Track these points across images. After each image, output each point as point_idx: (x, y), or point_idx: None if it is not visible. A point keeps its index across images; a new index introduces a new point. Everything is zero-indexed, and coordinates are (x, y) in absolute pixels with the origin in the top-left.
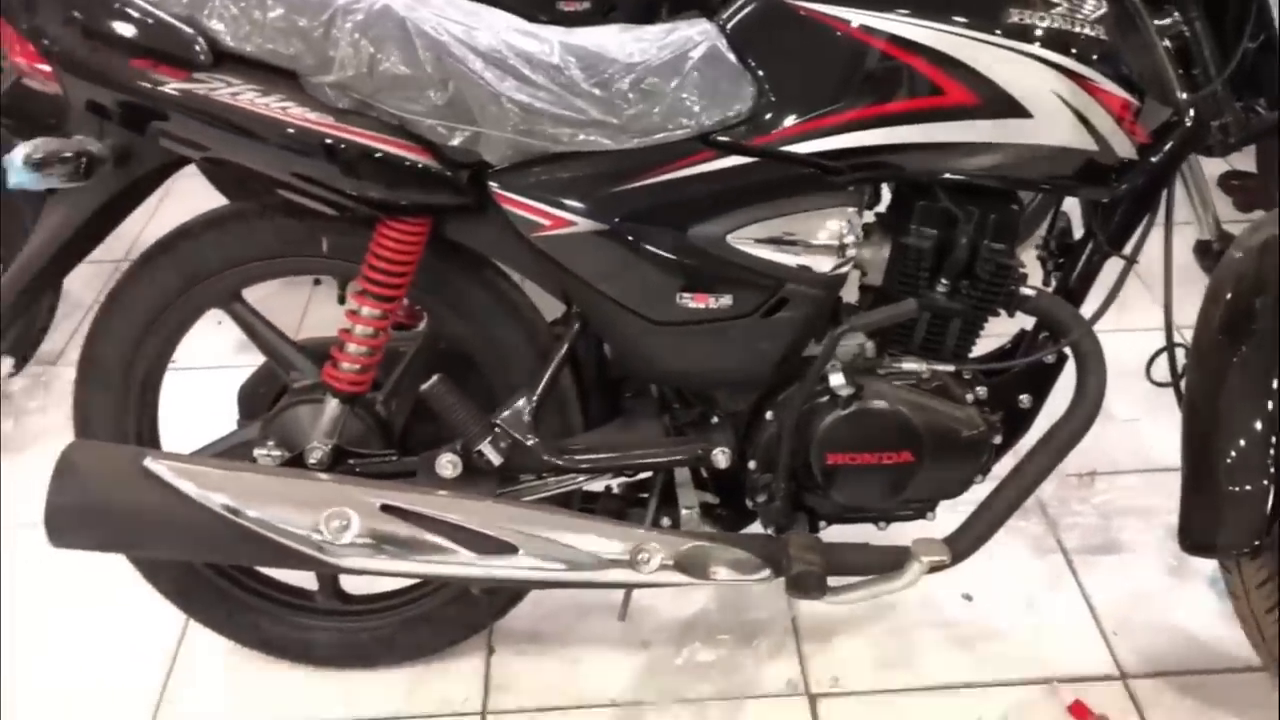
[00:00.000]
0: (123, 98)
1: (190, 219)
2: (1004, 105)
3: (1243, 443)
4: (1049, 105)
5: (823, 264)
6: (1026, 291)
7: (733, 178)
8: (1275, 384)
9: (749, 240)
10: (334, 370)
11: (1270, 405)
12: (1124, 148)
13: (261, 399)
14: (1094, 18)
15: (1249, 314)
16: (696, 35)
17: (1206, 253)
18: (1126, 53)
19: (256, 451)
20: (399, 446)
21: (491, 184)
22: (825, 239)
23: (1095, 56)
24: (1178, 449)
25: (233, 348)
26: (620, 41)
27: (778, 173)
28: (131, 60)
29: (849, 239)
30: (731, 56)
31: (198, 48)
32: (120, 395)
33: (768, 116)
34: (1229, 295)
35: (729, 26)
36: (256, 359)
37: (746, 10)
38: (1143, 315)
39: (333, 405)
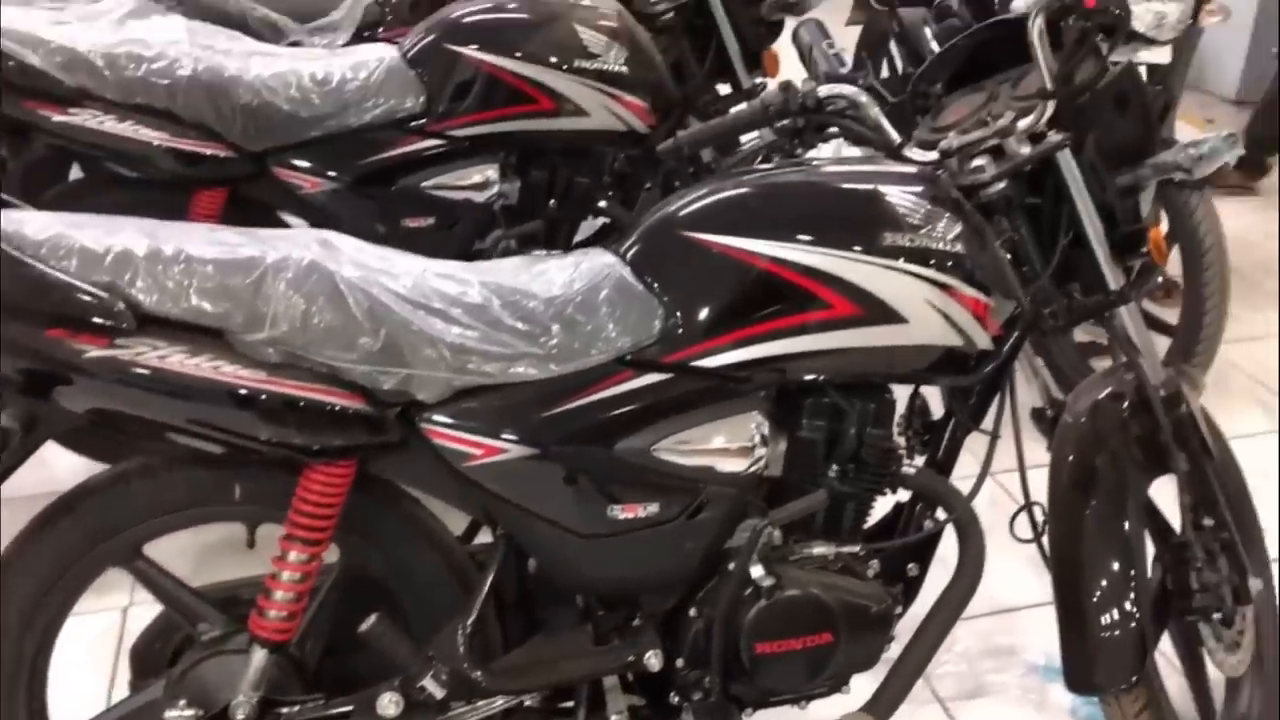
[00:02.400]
0: (35, 367)
1: (91, 476)
2: (883, 313)
3: (1107, 587)
4: (921, 311)
5: (738, 465)
6: (908, 470)
7: (651, 394)
8: (1127, 528)
9: (671, 450)
10: (260, 619)
11: (1126, 551)
12: (982, 340)
13: (159, 655)
14: (951, 236)
15: (1093, 471)
16: (603, 266)
17: (1042, 418)
18: (977, 260)
19: (167, 715)
20: (319, 688)
21: (421, 421)
22: (739, 442)
23: (954, 267)
24: (1021, 590)
25: None
26: (532, 275)
27: (691, 386)
28: (48, 330)
29: (758, 440)
30: (638, 284)
31: (120, 314)
32: (10, 665)
33: (677, 336)
34: (1072, 457)
35: (630, 256)
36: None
37: (644, 242)
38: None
39: (259, 656)
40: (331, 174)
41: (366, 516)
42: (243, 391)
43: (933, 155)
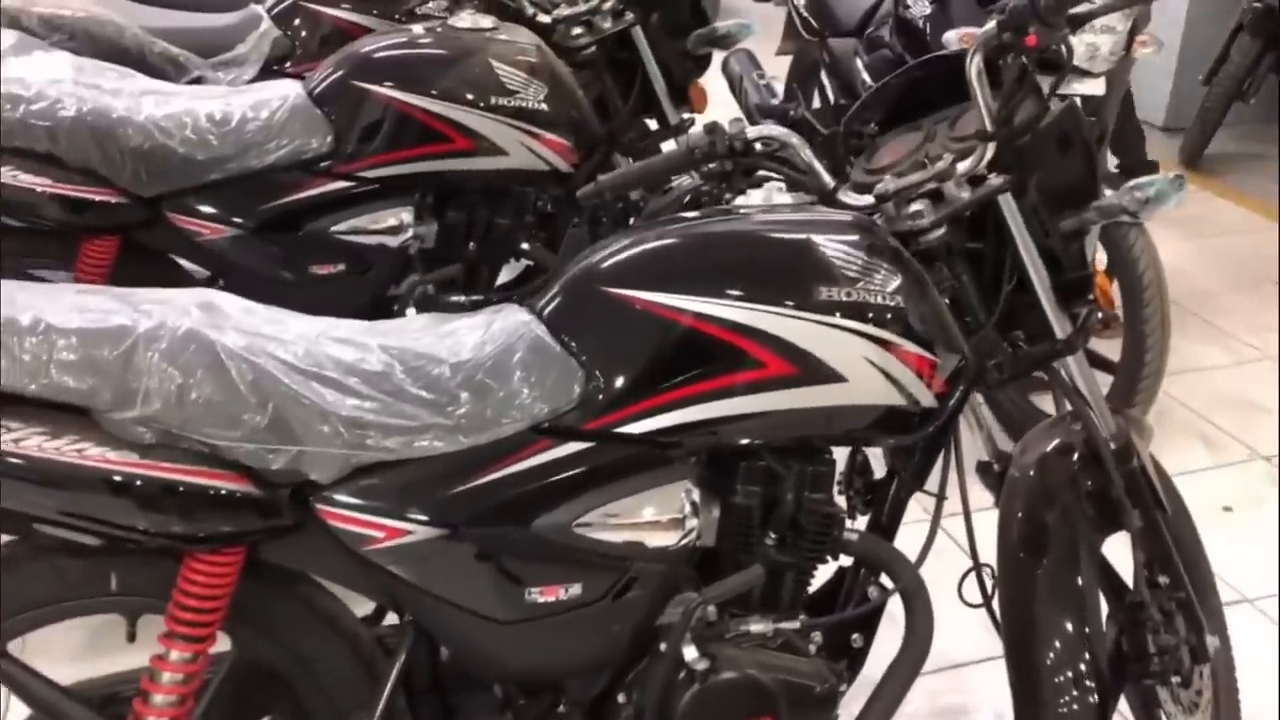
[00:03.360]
0: None
1: None
2: (820, 373)
3: (1060, 649)
4: (861, 369)
5: (669, 538)
6: (849, 536)
7: (571, 465)
8: (1080, 588)
9: (595, 525)
10: None
11: (1080, 612)
12: (925, 397)
13: None
14: (890, 287)
15: (1043, 529)
16: (518, 325)
17: (988, 472)
18: (918, 313)
19: None
20: None
21: (316, 502)
22: (669, 514)
23: (895, 321)
24: (971, 646)
25: None
26: (439, 337)
27: (615, 454)
28: None
29: (689, 510)
30: (555, 344)
31: None
32: None
33: (598, 400)
34: (1021, 514)
35: (547, 314)
36: None
37: (562, 297)
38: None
39: None
40: (233, 219)
41: (259, 605)
42: (114, 478)
43: (868, 199)
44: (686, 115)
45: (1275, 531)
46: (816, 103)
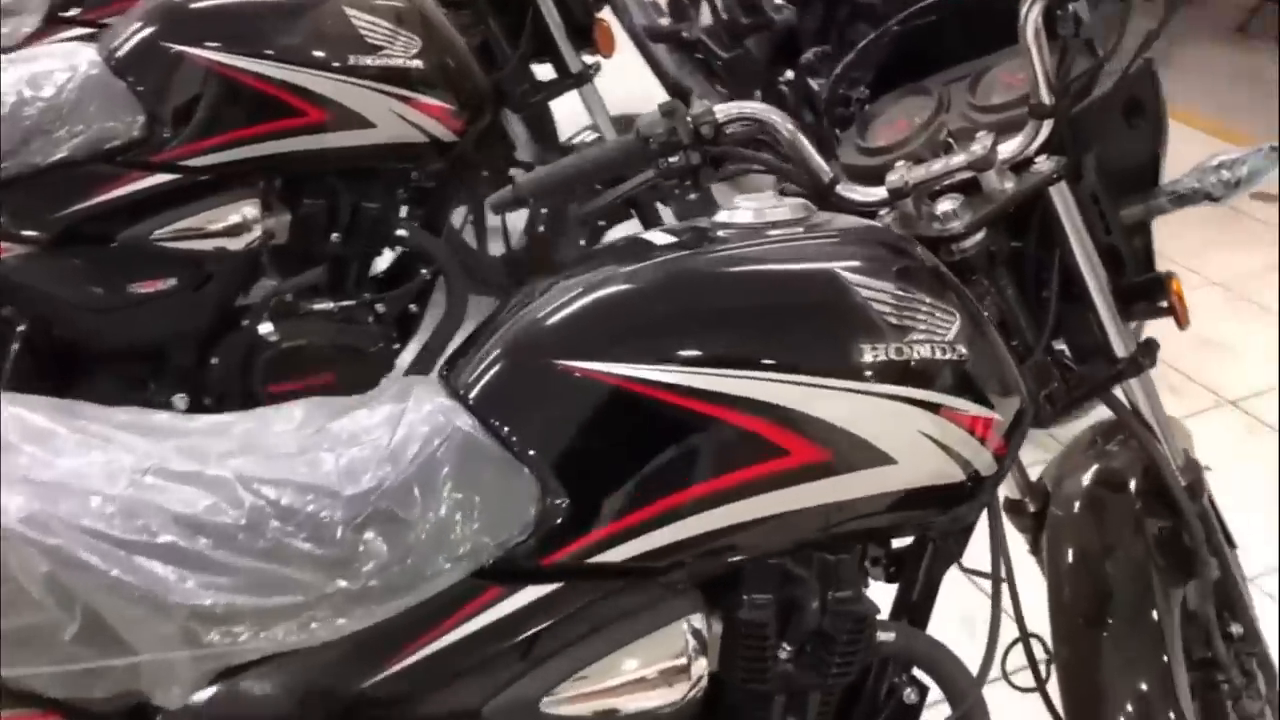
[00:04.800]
0: None
1: None
2: (862, 457)
3: None
4: (912, 445)
5: (669, 696)
6: (884, 636)
7: (532, 619)
8: (1164, 663)
9: (569, 699)
10: None
11: (1165, 693)
12: (985, 463)
13: None
14: (943, 335)
15: (1106, 586)
16: (437, 418)
17: (1020, 511)
18: (976, 361)
19: None
20: None
21: None
22: (666, 662)
23: (951, 377)
24: None
25: None
26: (327, 448)
27: (589, 595)
28: None
29: (694, 652)
30: (493, 443)
31: None
32: None
33: (562, 522)
34: (1074, 566)
35: (476, 398)
36: None
37: (497, 375)
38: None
39: None
40: (20, 233)
41: None
42: None
43: (877, 193)
44: (590, 60)
45: (1265, 494)
46: (707, 17)
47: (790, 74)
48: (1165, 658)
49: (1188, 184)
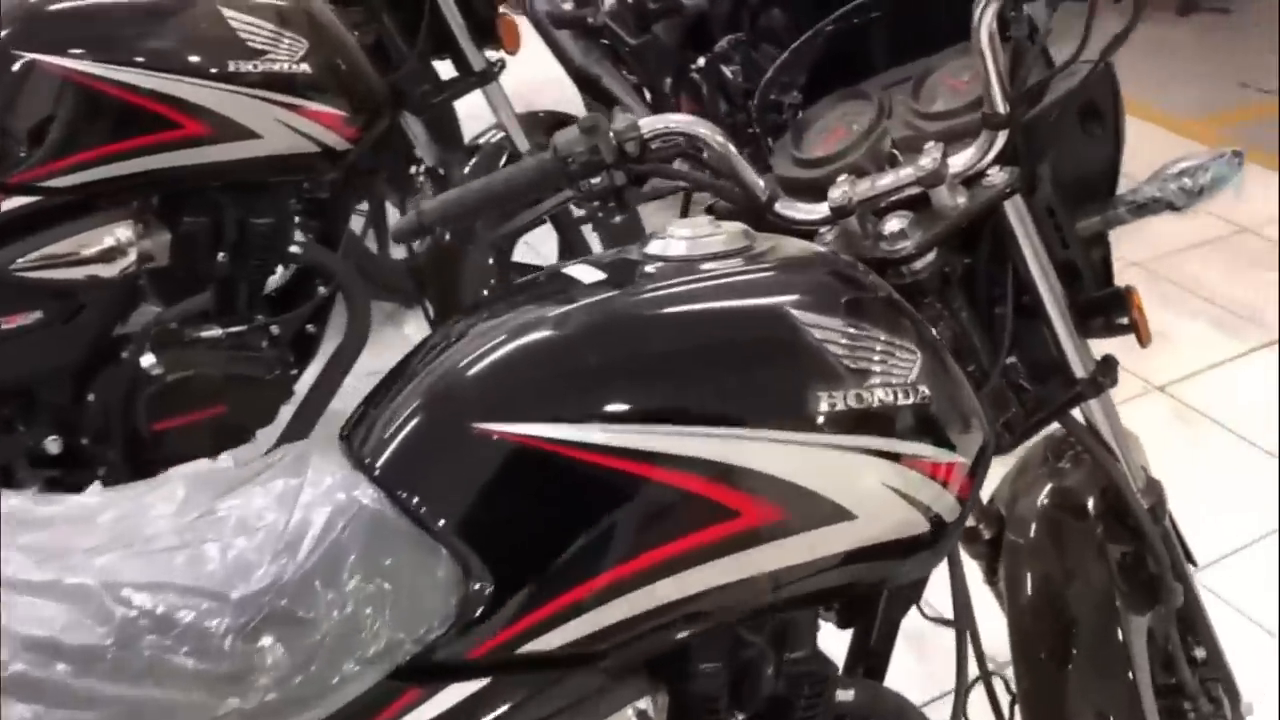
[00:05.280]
0: None
1: None
2: (819, 514)
3: None
4: (872, 498)
5: None
6: (844, 696)
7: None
8: (1134, 690)
9: None
10: None
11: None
12: (950, 509)
13: None
14: (903, 375)
15: (1069, 617)
16: (337, 494)
17: (975, 539)
18: (940, 398)
19: None
20: None
21: None
22: None
23: (914, 419)
24: None
25: None
26: (212, 539)
27: (526, 688)
28: None
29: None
30: (404, 521)
31: None
32: None
33: (487, 608)
34: (1035, 598)
35: (382, 469)
36: None
37: (406, 441)
38: None
39: None
40: None
41: None
42: None
43: (818, 210)
44: (495, 56)
45: (1195, 481)
46: (611, 1)
47: (702, 61)
48: (1133, 690)
49: (1147, 193)
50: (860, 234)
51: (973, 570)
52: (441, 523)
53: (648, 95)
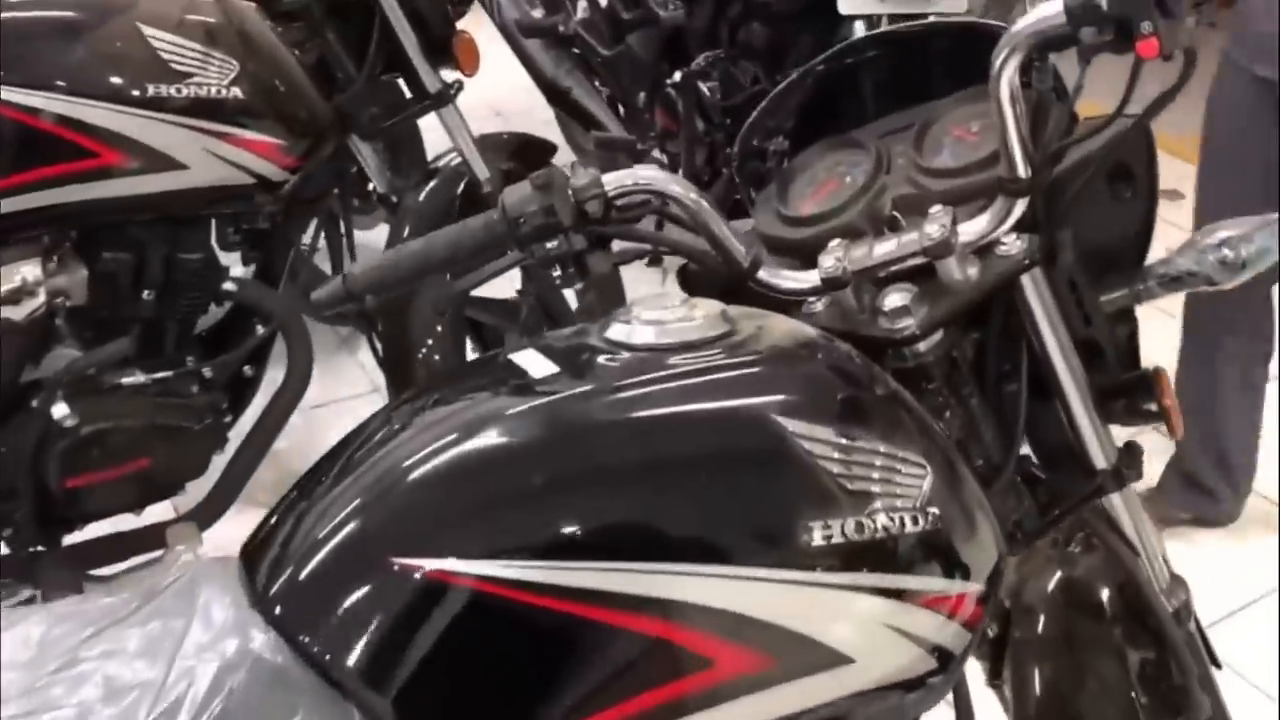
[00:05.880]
0: None
1: None
2: (811, 661)
3: None
4: (873, 641)
5: None
6: None
7: None
8: None
9: None
10: None
11: None
12: (959, 641)
13: None
14: (921, 499)
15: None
16: (231, 643)
17: (980, 640)
18: (953, 525)
19: None
20: None
21: None
22: None
23: (925, 556)
24: None
25: None
26: (56, 697)
27: None
28: None
29: None
30: (311, 676)
31: None
32: None
33: None
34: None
35: (285, 614)
36: None
37: (311, 580)
38: None
39: None
40: None
41: None
42: None
43: (807, 278)
44: (453, 79)
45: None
46: (583, 9)
47: (678, 76)
48: None
49: (1183, 265)
50: (855, 307)
51: (974, 669)
52: (354, 676)
53: (620, 109)
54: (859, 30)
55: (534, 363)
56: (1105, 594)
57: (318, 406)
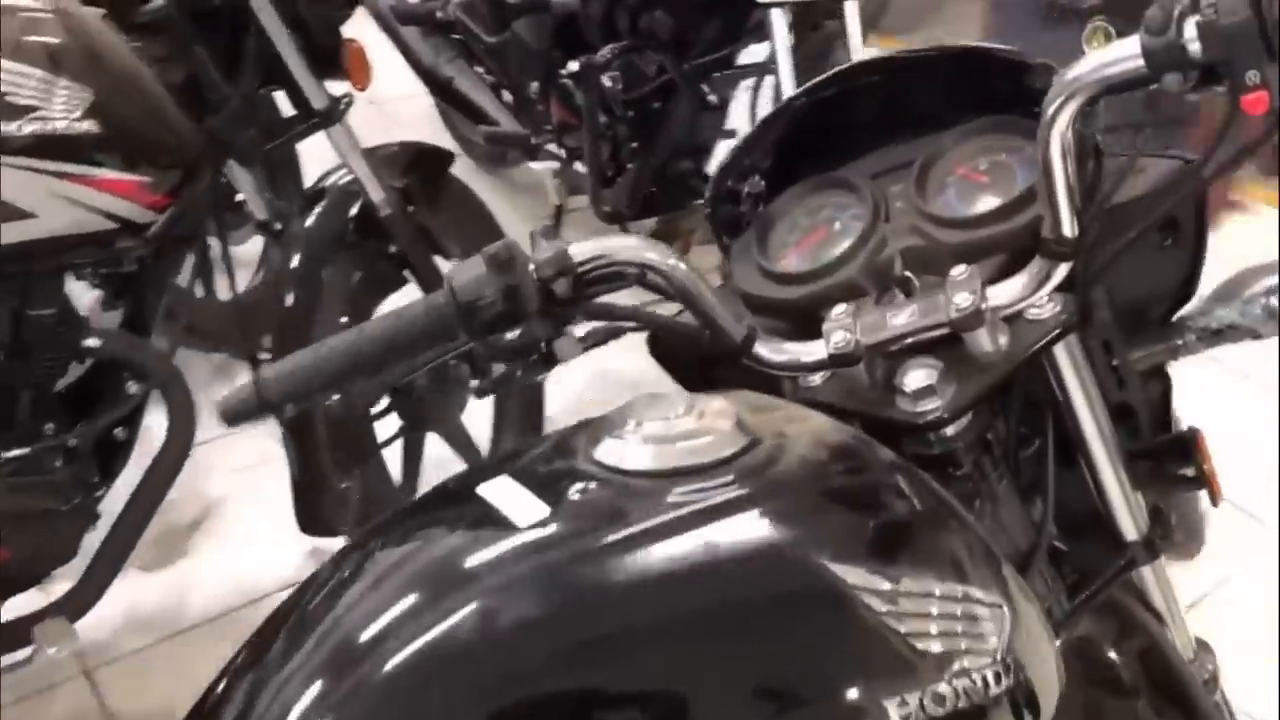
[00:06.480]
0: None
1: None
2: None
3: None
4: None
5: None
6: None
7: None
8: None
9: None
10: None
11: None
12: None
13: None
14: (1002, 646)
15: None
16: None
17: None
18: (1034, 669)
19: None
20: None
21: None
22: None
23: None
24: None
25: None
26: None
27: None
28: None
29: None
30: None
31: None
32: None
33: None
34: None
35: None
36: None
37: None
38: None
39: None
40: None
41: None
42: None
43: (813, 351)
44: (344, 95)
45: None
46: None
47: (575, 66)
48: None
49: (1225, 318)
50: (866, 383)
51: None
52: None
53: (506, 95)
54: (775, 19)
55: (513, 500)
56: (1123, 662)
57: (200, 444)
